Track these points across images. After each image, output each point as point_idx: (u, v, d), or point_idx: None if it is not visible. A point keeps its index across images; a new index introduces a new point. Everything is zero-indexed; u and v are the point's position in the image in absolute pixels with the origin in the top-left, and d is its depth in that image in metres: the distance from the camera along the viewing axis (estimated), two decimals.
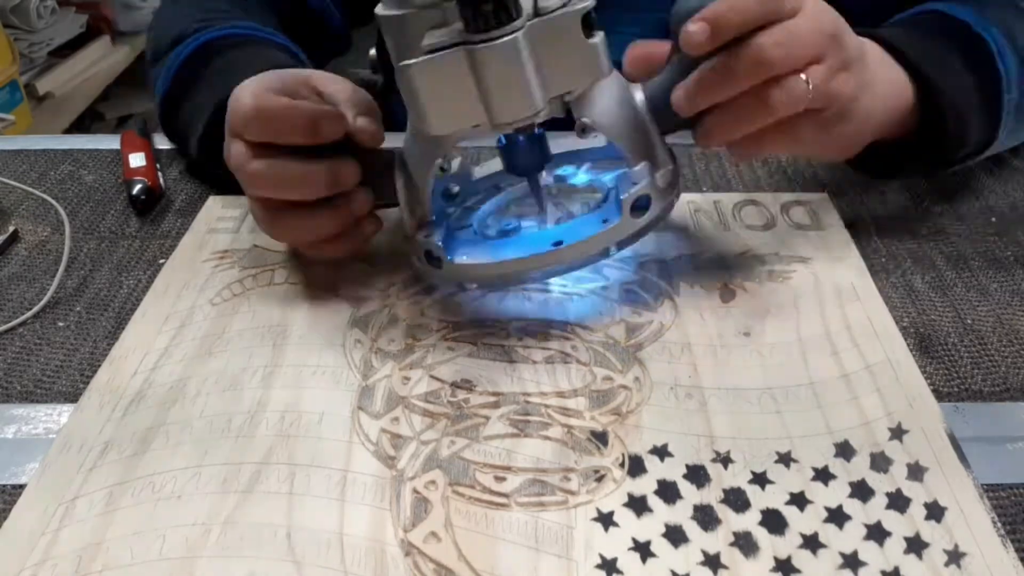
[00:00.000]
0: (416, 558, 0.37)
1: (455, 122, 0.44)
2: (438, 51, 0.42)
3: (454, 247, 0.50)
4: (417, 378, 0.46)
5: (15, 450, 0.43)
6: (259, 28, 0.68)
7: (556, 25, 0.42)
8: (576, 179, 0.55)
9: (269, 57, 0.64)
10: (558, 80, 0.44)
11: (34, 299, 0.54)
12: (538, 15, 0.42)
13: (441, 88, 0.42)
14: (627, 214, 0.47)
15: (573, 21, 0.42)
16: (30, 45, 1.90)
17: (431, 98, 0.43)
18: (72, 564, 0.37)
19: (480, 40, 0.41)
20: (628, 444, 0.42)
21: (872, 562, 0.36)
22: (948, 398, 0.45)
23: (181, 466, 0.41)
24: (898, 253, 0.56)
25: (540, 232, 0.50)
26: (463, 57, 0.42)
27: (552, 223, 0.51)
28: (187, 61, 0.65)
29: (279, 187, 0.50)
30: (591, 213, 0.50)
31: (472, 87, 0.42)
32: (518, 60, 0.42)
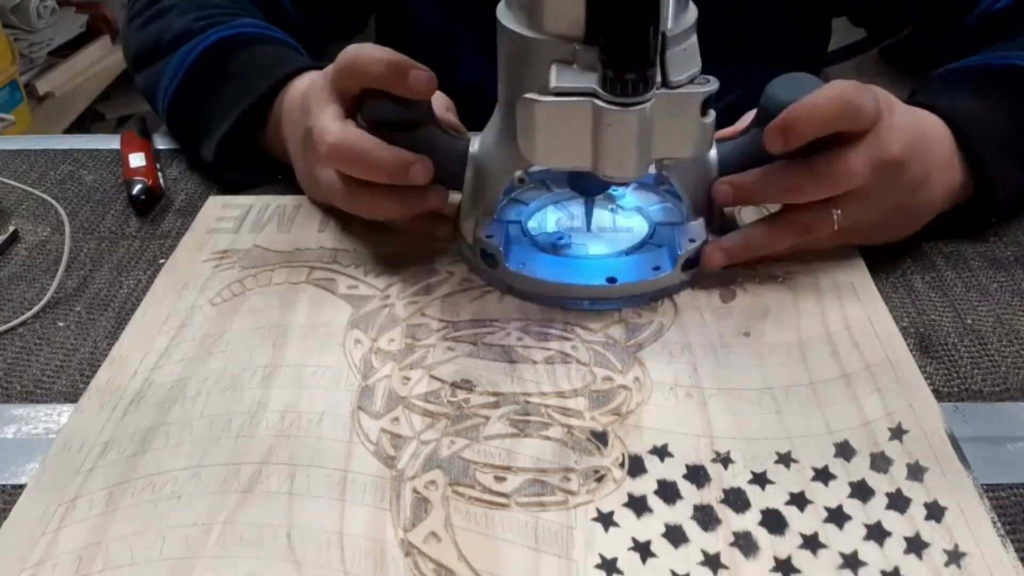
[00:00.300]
0: (416, 558, 0.37)
1: (562, 160, 0.46)
2: (567, 95, 0.43)
3: (510, 252, 0.52)
4: (417, 378, 0.46)
5: (15, 450, 0.43)
6: (266, 26, 0.68)
7: (680, 101, 0.44)
8: (624, 201, 0.57)
9: (280, 57, 0.64)
10: (665, 148, 0.45)
11: (34, 299, 0.54)
12: (666, 86, 0.44)
13: (559, 130, 0.44)
14: (679, 268, 0.51)
15: (696, 101, 0.44)
16: (30, 45, 1.90)
17: (546, 136, 0.45)
18: (72, 564, 0.37)
19: (613, 102, 0.42)
20: (628, 444, 0.42)
21: (872, 562, 0.36)
22: (948, 398, 0.45)
23: (181, 466, 0.41)
24: (898, 253, 0.56)
25: (593, 261, 0.53)
26: (590, 110, 0.43)
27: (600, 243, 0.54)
28: (200, 59, 0.64)
29: (355, 165, 0.51)
30: (642, 253, 0.53)
31: (588, 138, 0.44)
32: (639, 129, 0.43)
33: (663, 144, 0.45)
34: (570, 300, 0.51)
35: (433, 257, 0.56)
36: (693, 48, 0.45)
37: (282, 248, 0.57)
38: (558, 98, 0.43)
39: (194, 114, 0.65)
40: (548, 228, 0.56)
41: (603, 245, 0.54)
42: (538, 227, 0.56)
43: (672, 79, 0.44)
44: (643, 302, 0.51)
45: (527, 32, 0.45)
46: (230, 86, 0.63)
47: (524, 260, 0.52)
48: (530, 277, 0.51)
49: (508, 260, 0.51)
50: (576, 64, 0.44)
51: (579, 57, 0.43)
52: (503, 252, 0.51)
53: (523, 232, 0.55)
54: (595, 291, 0.50)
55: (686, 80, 0.44)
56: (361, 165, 0.50)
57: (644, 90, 0.42)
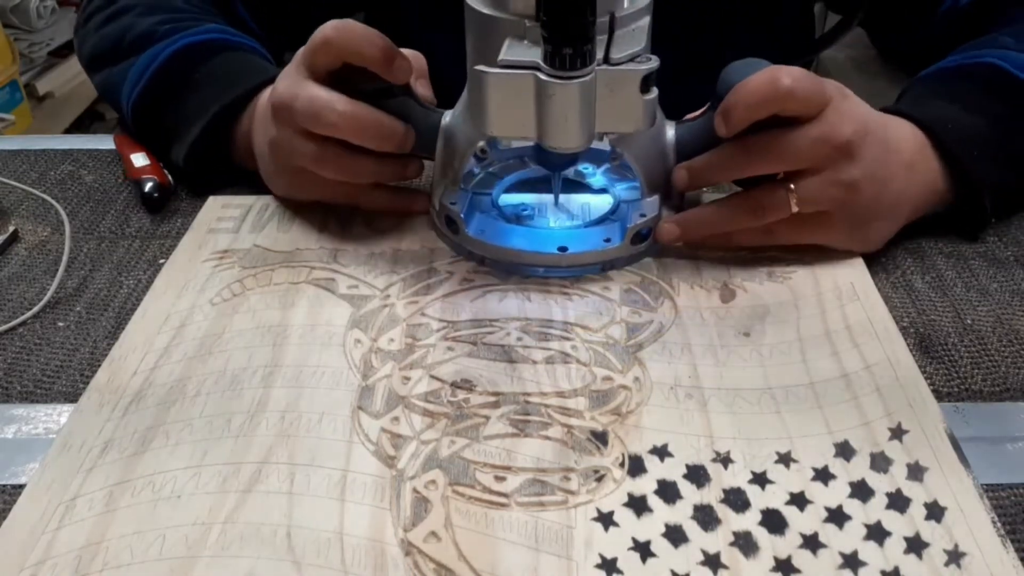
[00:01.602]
0: (416, 558, 0.37)
1: (510, 130, 0.48)
2: (513, 67, 0.46)
3: (472, 218, 0.55)
4: (417, 378, 0.46)
5: (15, 450, 0.43)
6: (233, 32, 0.68)
7: (620, 78, 0.46)
8: (593, 179, 0.59)
9: (251, 65, 0.64)
10: (608, 122, 0.48)
11: (34, 299, 0.54)
12: (608, 63, 0.46)
13: (506, 101, 0.47)
14: (628, 240, 0.53)
15: (635, 78, 0.46)
16: (30, 45, 1.90)
17: (496, 106, 0.47)
18: (72, 564, 0.37)
19: (553, 75, 0.44)
20: (628, 444, 0.42)
21: (872, 562, 0.36)
22: (948, 398, 0.45)
23: (181, 466, 0.41)
24: (898, 253, 0.56)
25: (549, 231, 0.55)
26: (533, 83, 0.45)
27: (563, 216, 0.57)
28: (167, 64, 0.64)
29: (368, 134, 0.52)
30: (597, 226, 0.55)
31: (533, 109, 0.46)
32: (579, 101, 0.45)
33: (606, 119, 0.47)
34: (525, 267, 0.54)
35: (433, 257, 0.56)
36: (641, 29, 0.47)
37: (282, 248, 0.57)
38: (505, 70, 0.46)
39: (161, 119, 0.65)
40: (519, 202, 0.58)
41: (567, 219, 0.57)
42: (511, 201, 0.58)
43: (613, 56, 0.46)
44: (594, 271, 0.54)
45: (488, 10, 0.48)
46: (196, 94, 0.63)
47: (484, 228, 0.55)
48: (487, 243, 0.54)
49: (468, 227, 0.54)
50: (527, 40, 0.46)
51: (529, 33, 0.46)
52: (464, 219, 0.54)
53: (492, 204, 0.58)
54: (547, 259, 0.53)
55: (627, 58, 0.46)
56: (371, 133, 0.52)
57: (582, 65, 0.44)
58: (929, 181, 0.55)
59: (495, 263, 0.54)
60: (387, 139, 0.53)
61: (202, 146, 0.62)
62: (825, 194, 0.51)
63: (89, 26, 0.73)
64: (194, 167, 0.63)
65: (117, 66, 0.68)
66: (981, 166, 0.54)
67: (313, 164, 0.54)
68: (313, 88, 0.52)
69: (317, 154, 0.54)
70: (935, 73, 0.61)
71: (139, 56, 0.66)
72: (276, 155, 0.57)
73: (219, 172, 0.64)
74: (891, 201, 0.53)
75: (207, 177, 0.64)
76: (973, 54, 0.60)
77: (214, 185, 0.64)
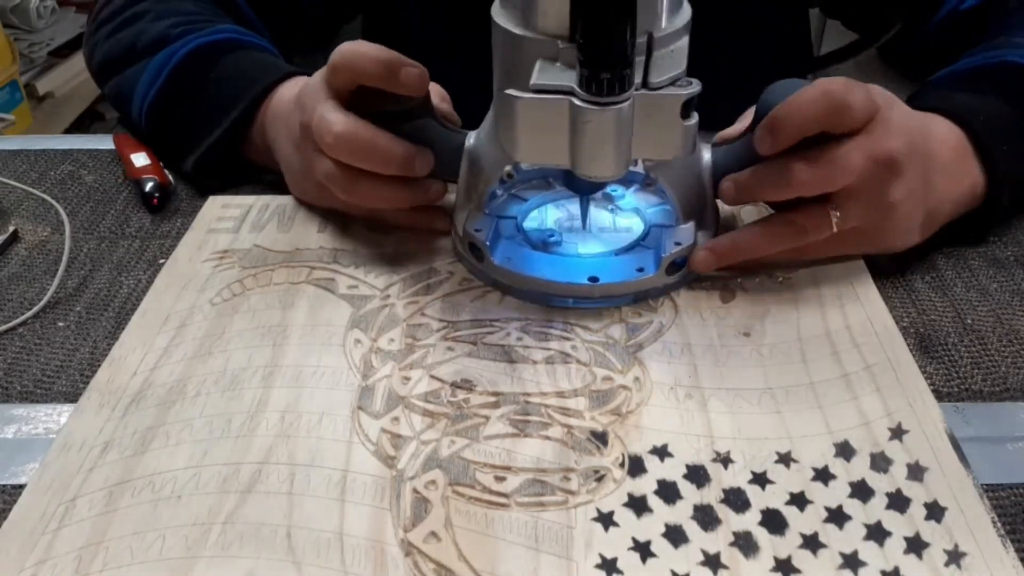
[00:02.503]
0: (416, 558, 0.37)
1: (541, 157, 0.46)
2: (546, 92, 0.43)
3: (497, 245, 0.53)
4: (417, 378, 0.46)
5: (15, 450, 0.43)
6: (245, 32, 0.68)
7: (659, 103, 0.44)
8: (623, 202, 0.57)
9: (269, 63, 0.65)
10: (646, 149, 0.46)
11: (34, 299, 0.54)
12: (646, 87, 0.43)
13: (538, 127, 0.44)
14: (663, 270, 0.51)
15: (676, 103, 0.44)
16: (30, 45, 1.90)
17: (526, 132, 0.45)
18: (72, 564, 0.37)
19: (589, 101, 0.42)
20: (628, 444, 0.42)
21: (872, 562, 0.36)
22: (948, 398, 0.45)
23: (181, 466, 0.41)
24: (898, 253, 0.56)
25: (578, 260, 0.53)
26: (567, 108, 0.43)
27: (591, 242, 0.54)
28: (181, 65, 0.64)
29: (362, 156, 0.51)
30: (628, 253, 0.53)
31: (566, 136, 0.44)
32: (616, 129, 0.43)
33: (644, 145, 0.45)
34: (553, 297, 0.51)
35: (433, 257, 0.56)
36: (681, 50, 0.45)
37: (282, 248, 0.57)
38: (537, 95, 0.43)
39: (176, 120, 0.65)
40: (546, 226, 0.56)
41: (596, 244, 0.54)
42: (537, 225, 0.56)
43: (652, 80, 0.43)
44: (626, 302, 0.51)
45: (517, 30, 0.45)
46: (215, 93, 0.63)
47: (510, 255, 0.52)
48: (513, 272, 0.51)
49: (494, 254, 0.52)
50: (560, 62, 0.44)
51: (562, 55, 0.44)
52: (489, 246, 0.52)
53: (517, 228, 0.55)
54: (576, 290, 0.51)
55: (667, 82, 0.44)
56: (368, 155, 0.51)
57: (620, 90, 0.42)
58: (966, 188, 0.54)
59: (522, 293, 0.52)
60: (386, 163, 0.51)
61: (220, 148, 0.62)
62: (865, 211, 0.49)
63: (100, 34, 0.73)
64: (208, 168, 0.63)
65: (130, 69, 0.68)
66: (1007, 161, 0.53)
67: (328, 182, 0.53)
68: (326, 107, 0.51)
69: (330, 173, 0.53)
70: (951, 75, 0.61)
71: (152, 58, 0.66)
72: (301, 167, 0.57)
73: (230, 173, 0.64)
74: (928, 211, 0.52)
75: (216, 178, 0.64)
76: (990, 55, 0.59)
77: (219, 185, 0.64)
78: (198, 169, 0.64)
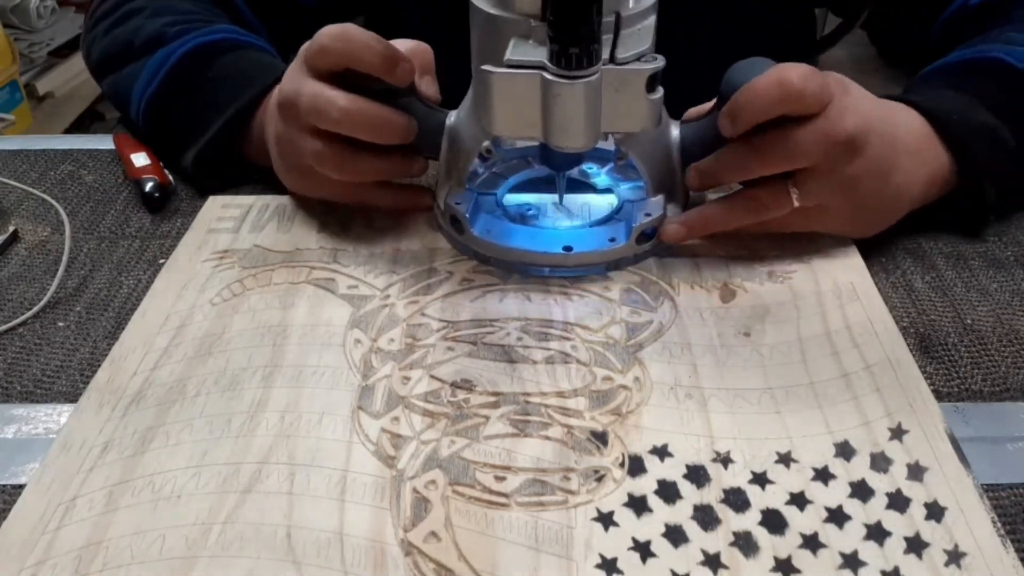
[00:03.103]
0: (416, 558, 0.37)
1: (516, 130, 0.49)
2: (519, 67, 0.46)
3: (477, 218, 0.55)
4: (417, 378, 0.46)
5: (15, 450, 0.43)
6: (243, 32, 0.68)
7: (625, 77, 0.46)
8: (598, 179, 0.59)
9: (261, 63, 0.65)
10: (614, 122, 0.48)
11: (34, 299, 0.54)
12: (613, 62, 0.46)
13: (512, 100, 0.47)
14: (633, 240, 0.53)
15: (641, 77, 0.46)
16: (30, 45, 1.90)
17: (501, 105, 0.47)
18: (72, 564, 0.37)
19: (559, 75, 0.44)
20: (628, 444, 0.42)
21: (872, 562, 0.36)
22: (948, 398, 0.45)
23: (181, 466, 0.41)
24: (898, 253, 0.56)
25: (554, 231, 0.55)
26: (539, 82, 0.45)
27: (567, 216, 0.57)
28: (180, 65, 0.64)
29: (369, 127, 0.52)
30: (602, 226, 0.55)
31: (539, 109, 0.46)
32: (585, 101, 0.45)
33: (612, 118, 0.47)
34: (530, 266, 0.54)
35: (433, 257, 0.56)
36: (647, 28, 0.47)
37: (282, 248, 0.57)
38: (511, 70, 0.46)
39: (174, 119, 0.65)
40: (524, 202, 0.58)
41: (570, 219, 0.56)
42: (516, 200, 0.58)
43: (619, 56, 0.46)
44: (600, 271, 0.54)
45: (494, 10, 0.47)
46: (212, 93, 0.63)
47: (489, 228, 0.55)
48: (492, 243, 0.54)
49: (474, 226, 0.54)
50: (532, 40, 0.46)
51: (535, 33, 0.46)
52: (469, 219, 0.54)
53: (497, 203, 0.57)
54: (552, 259, 0.53)
55: (633, 57, 0.46)
56: (373, 126, 0.52)
57: (588, 64, 0.44)
58: (935, 169, 0.54)
59: (500, 263, 0.54)
60: (392, 132, 0.53)
61: (217, 145, 0.62)
62: (825, 189, 0.51)
63: (96, 31, 0.73)
64: (205, 167, 0.63)
65: (127, 68, 0.68)
66: (985, 155, 0.54)
67: (317, 162, 0.54)
68: (316, 85, 0.52)
69: (321, 152, 0.54)
70: (940, 67, 0.61)
71: (150, 57, 0.66)
72: (283, 153, 0.58)
73: (228, 172, 0.64)
74: (893, 193, 0.53)
75: (215, 178, 0.64)
76: (979, 49, 0.60)
77: (218, 185, 0.64)
78: (196, 167, 0.64)
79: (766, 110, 0.49)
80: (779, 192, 0.51)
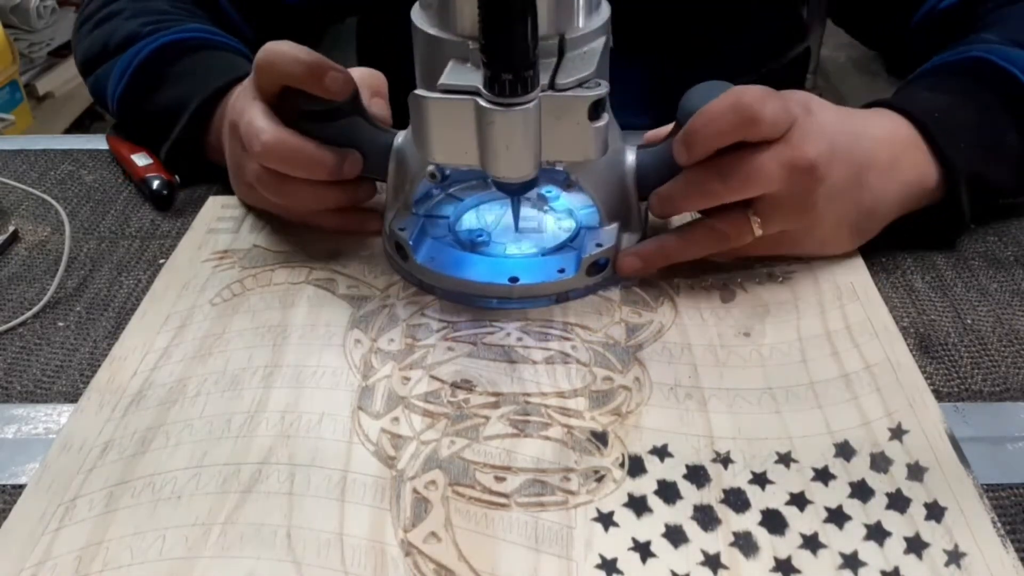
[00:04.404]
0: (416, 558, 0.37)
1: (453, 158, 0.46)
2: (454, 92, 0.43)
3: (422, 245, 0.53)
4: (417, 378, 0.46)
5: (15, 450, 0.43)
6: (215, 31, 0.69)
7: (566, 105, 0.44)
8: (556, 203, 0.57)
9: (230, 62, 0.65)
10: (556, 151, 0.45)
11: (34, 299, 0.54)
12: (553, 88, 0.43)
13: (447, 126, 0.44)
14: (583, 271, 0.51)
15: (582, 104, 0.43)
16: (30, 45, 1.90)
17: (436, 131, 0.45)
18: (72, 564, 0.37)
19: (493, 102, 0.42)
20: (628, 444, 0.42)
21: (872, 562, 0.36)
22: (948, 398, 0.45)
23: (181, 466, 0.41)
24: (898, 253, 0.56)
25: (501, 260, 0.53)
26: (473, 108, 0.43)
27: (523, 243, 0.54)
28: (146, 62, 0.65)
29: (291, 164, 0.51)
30: (553, 255, 0.53)
31: (475, 136, 0.44)
32: (522, 130, 0.43)
33: (554, 146, 0.45)
34: (474, 297, 0.51)
35: None
36: (594, 52, 0.45)
37: (282, 248, 0.57)
38: (444, 95, 0.44)
39: (142, 116, 0.66)
40: (476, 226, 0.56)
41: (525, 245, 0.54)
42: (469, 225, 0.56)
43: (559, 81, 0.43)
44: (547, 303, 0.51)
45: (433, 31, 0.46)
46: (173, 90, 0.64)
47: (434, 255, 0.52)
48: (435, 272, 0.51)
49: (418, 254, 0.52)
50: (471, 63, 0.44)
51: (472, 56, 0.44)
52: (412, 246, 0.52)
53: (448, 228, 0.55)
54: (496, 290, 0.51)
55: (574, 83, 0.43)
56: (295, 163, 0.51)
57: (523, 91, 0.42)
58: (915, 177, 0.53)
59: (444, 292, 0.52)
60: (314, 169, 0.51)
61: (183, 140, 0.63)
62: (788, 217, 0.50)
63: (81, 32, 0.75)
64: (178, 161, 0.64)
65: (102, 68, 0.69)
66: (964, 157, 0.53)
67: (258, 185, 0.54)
68: (254, 111, 0.51)
69: (260, 176, 0.53)
70: (924, 71, 0.61)
71: (121, 56, 0.67)
72: (231, 167, 0.58)
73: (201, 166, 0.64)
74: (864, 211, 0.52)
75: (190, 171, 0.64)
76: (959, 50, 0.60)
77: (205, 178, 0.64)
78: (169, 161, 0.64)
79: (721, 136, 0.46)
80: (740, 221, 0.49)
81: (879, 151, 0.52)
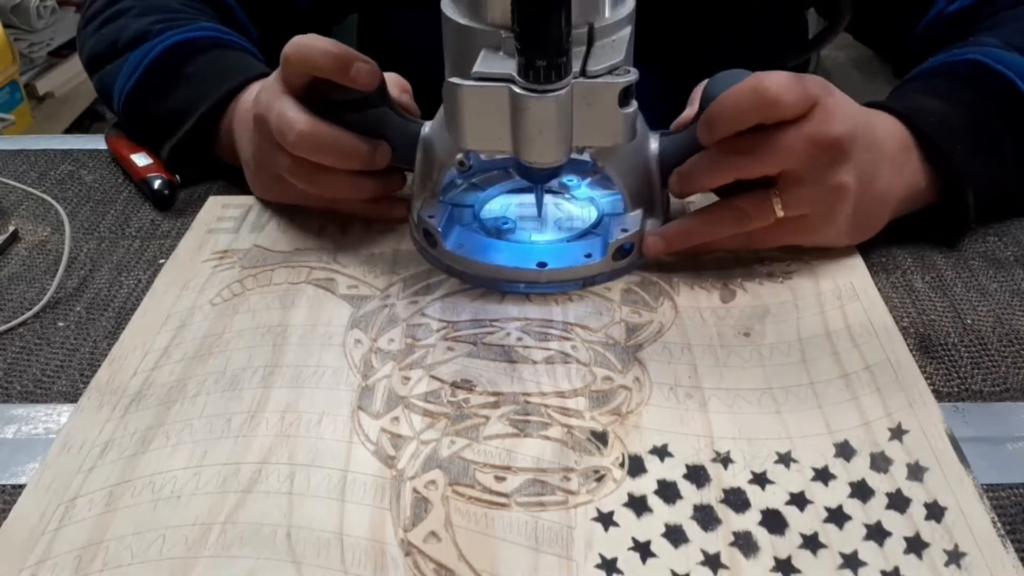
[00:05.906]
0: (416, 558, 0.37)
1: (486, 144, 0.48)
2: (487, 80, 0.44)
3: (451, 232, 0.54)
4: (417, 378, 0.46)
5: (15, 450, 0.43)
6: (225, 31, 0.68)
7: (597, 91, 0.45)
8: (578, 191, 0.58)
9: (242, 61, 0.65)
10: (586, 136, 0.47)
11: (34, 299, 0.54)
12: (584, 75, 0.45)
13: (481, 114, 0.46)
14: (609, 256, 0.52)
15: (613, 91, 0.45)
16: (30, 45, 1.91)
17: (470, 119, 0.46)
18: (72, 564, 0.37)
19: (527, 88, 0.43)
20: (628, 444, 0.42)
21: (872, 562, 0.36)
22: (948, 398, 0.45)
23: (181, 466, 0.41)
24: (898, 253, 0.56)
25: (529, 246, 0.54)
26: (507, 95, 0.44)
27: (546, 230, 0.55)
28: (157, 61, 0.65)
29: (325, 153, 0.52)
30: (579, 240, 0.54)
31: (508, 122, 0.45)
32: (555, 116, 0.44)
33: (584, 133, 0.46)
34: (503, 282, 0.52)
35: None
36: (621, 40, 0.46)
37: (282, 248, 0.57)
38: (478, 83, 0.45)
39: (149, 115, 0.66)
40: (502, 214, 0.57)
41: (549, 232, 0.55)
42: (494, 213, 0.57)
43: (590, 69, 0.45)
44: (575, 287, 0.52)
45: (465, 21, 0.47)
46: (186, 89, 0.64)
47: (462, 242, 0.53)
48: (464, 258, 0.53)
49: (447, 240, 0.53)
50: (503, 51, 0.45)
51: (505, 45, 0.45)
52: (441, 232, 0.53)
53: (474, 216, 0.56)
54: (525, 275, 0.52)
55: (605, 70, 0.45)
56: (330, 152, 0.52)
57: (557, 78, 0.43)
58: (910, 181, 0.54)
59: (473, 278, 0.53)
60: (349, 159, 0.52)
61: (190, 140, 0.63)
62: (811, 198, 0.50)
63: (88, 29, 0.74)
64: (181, 161, 0.64)
65: (111, 66, 0.69)
66: (964, 160, 0.53)
67: (289, 175, 0.54)
68: (285, 103, 0.52)
69: (292, 167, 0.54)
70: (919, 73, 0.61)
71: (132, 53, 0.66)
72: (258, 162, 0.58)
73: (203, 167, 0.64)
74: (876, 199, 0.52)
75: (190, 170, 0.64)
76: (955, 52, 0.60)
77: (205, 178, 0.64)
78: (171, 160, 0.64)
79: (742, 118, 0.48)
80: (762, 201, 0.50)
81: (888, 141, 0.53)
